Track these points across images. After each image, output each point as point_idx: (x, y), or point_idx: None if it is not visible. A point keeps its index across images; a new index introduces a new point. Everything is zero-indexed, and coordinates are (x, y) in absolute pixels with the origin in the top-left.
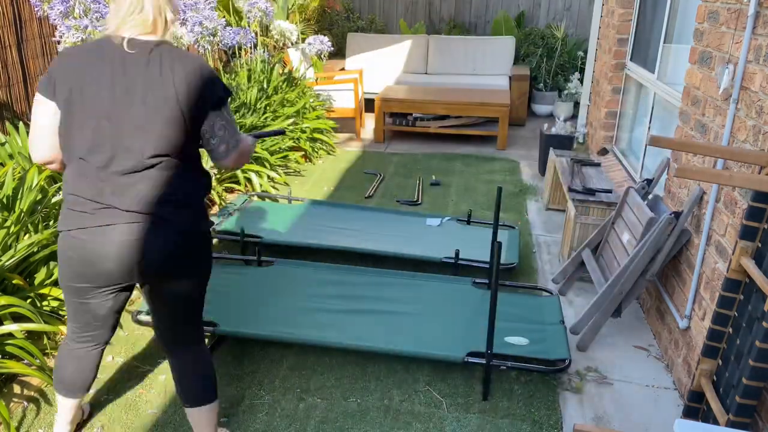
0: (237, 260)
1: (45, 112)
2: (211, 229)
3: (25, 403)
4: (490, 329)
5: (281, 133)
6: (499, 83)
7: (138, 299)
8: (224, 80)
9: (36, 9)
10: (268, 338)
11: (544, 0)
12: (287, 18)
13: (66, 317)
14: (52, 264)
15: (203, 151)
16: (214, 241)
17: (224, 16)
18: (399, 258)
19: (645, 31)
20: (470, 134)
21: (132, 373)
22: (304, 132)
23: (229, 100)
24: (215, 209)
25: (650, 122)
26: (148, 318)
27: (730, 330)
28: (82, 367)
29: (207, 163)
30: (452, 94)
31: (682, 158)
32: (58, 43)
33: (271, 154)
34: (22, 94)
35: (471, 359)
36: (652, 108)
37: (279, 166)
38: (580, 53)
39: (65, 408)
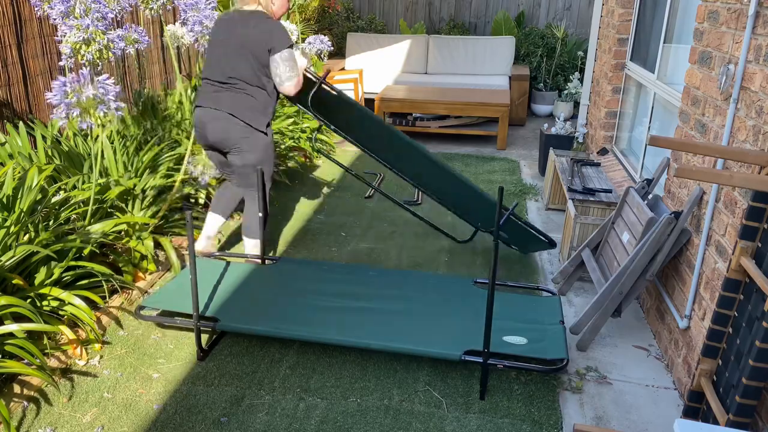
0: (239, 257)
1: None
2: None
3: (25, 403)
4: (487, 328)
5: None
6: (499, 83)
7: (138, 298)
8: None
9: (36, 9)
10: (269, 335)
11: (544, 0)
12: (287, 18)
13: (65, 317)
14: (52, 264)
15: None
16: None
17: None
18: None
19: (645, 31)
20: (470, 134)
21: (132, 373)
22: (304, 132)
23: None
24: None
25: (650, 122)
26: (150, 313)
27: (730, 330)
28: (229, 195)
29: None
30: (452, 94)
31: (682, 158)
32: (60, 42)
33: None
34: (22, 94)
35: (468, 357)
36: (652, 108)
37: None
38: (580, 53)
39: (212, 225)
